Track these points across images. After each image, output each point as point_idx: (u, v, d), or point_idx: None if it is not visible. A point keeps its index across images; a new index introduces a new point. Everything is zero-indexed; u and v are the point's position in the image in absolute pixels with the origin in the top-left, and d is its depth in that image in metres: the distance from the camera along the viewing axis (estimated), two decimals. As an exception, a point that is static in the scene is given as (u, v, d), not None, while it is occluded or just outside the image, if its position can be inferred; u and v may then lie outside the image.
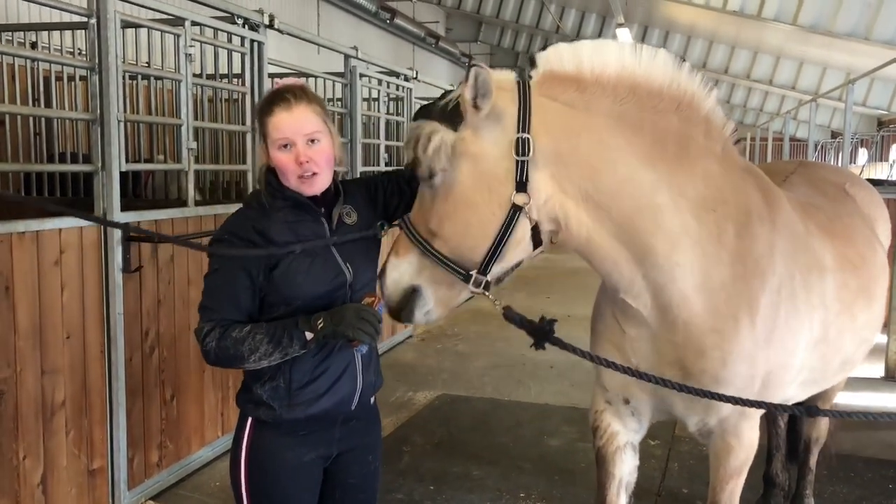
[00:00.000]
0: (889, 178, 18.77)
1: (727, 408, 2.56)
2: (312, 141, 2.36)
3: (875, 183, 12.69)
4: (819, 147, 23.97)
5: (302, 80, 2.61)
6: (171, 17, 4.67)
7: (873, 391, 6.68)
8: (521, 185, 2.25)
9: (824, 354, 2.82)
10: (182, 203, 4.91)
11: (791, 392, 2.91)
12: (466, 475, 4.82)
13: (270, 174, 2.43)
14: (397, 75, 8.38)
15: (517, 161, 2.24)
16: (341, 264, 2.43)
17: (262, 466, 2.43)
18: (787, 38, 15.81)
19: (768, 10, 11.49)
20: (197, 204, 4.88)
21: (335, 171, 2.51)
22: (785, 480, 4.18)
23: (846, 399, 5.96)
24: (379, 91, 8.00)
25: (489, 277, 2.31)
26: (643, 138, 2.32)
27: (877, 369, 7.18)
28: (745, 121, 28.95)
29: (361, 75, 7.24)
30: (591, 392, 2.99)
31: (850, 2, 11.30)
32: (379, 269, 2.46)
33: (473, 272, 2.30)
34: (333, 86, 7.72)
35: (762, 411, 2.72)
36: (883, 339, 7.45)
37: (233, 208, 5.10)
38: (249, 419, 2.46)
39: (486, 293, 2.33)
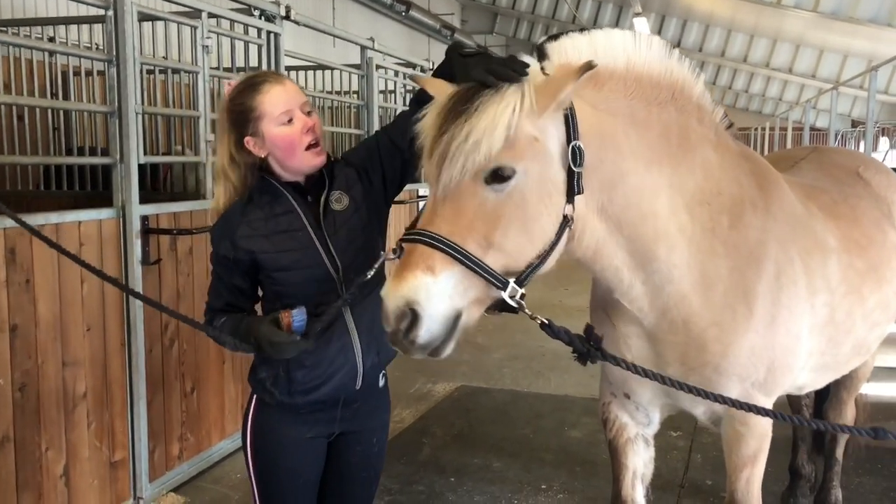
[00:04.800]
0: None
1: (732, 394, 2.49)
2: (309, 112, 2.35)
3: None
4: (839, 136, 23.66)
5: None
6: (188, 8, 4.65)
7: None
8: (572, 197, 2.05)
9: (832, 337, 2.77)
10: (200, 195, 4.90)
11: (803, 378, 2.87)
12: (487, 467, 4.79)
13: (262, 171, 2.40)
14: (414, 67, 8.33)
15: (574, 172, 2.03)
16: (322, 256, 2.36)
17: (265, 440, 2.49)
18: (807, 26, 15.60)
19: (789, -3, 11.39)
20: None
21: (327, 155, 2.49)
22: (811, 472, 4.13)
23: (874, 390, 5.87)
24: (395, 83, 7.96)
25: (523, 290, 2.03)
26: (650, 135, 2.25)
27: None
28: (763, 110, 28.64)
29: (378, 67, 7.20)
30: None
31: (872, -13, 11.16)
32: (404, 293, 1.92)
33: (511, 281, 1.99)
34: (349, 77, 7.69)
35: (772, 398, 2.65)
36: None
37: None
38: (255, 396, 2.51)
39: (523, 304, 2.02)
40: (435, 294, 1.90)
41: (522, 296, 2.03)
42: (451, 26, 20.83)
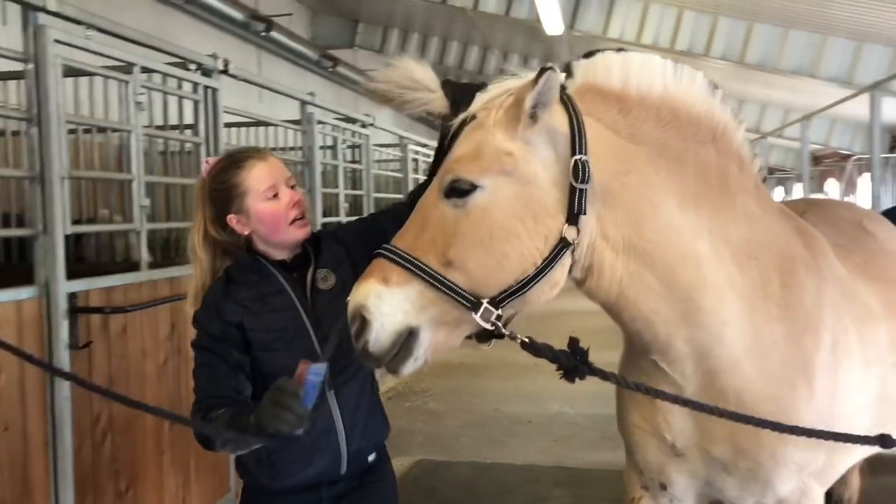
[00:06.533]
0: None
1: (787, 488, 2.24)
2: (293, 186, 2.33)
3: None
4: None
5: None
6: (119, 62, 4.23)
7: None
8: (574, 218, 1.89)
9: (880, 414, 2.49)
10: (133, 266, 4.42)
11: (851, 461, 2.61)
12: (461, 556, 4.37)
13: (239, 249, 2.34)
14: (354, 122, 8.03)
15: (576, 189, 1.88)
16: (312, 338, 2.26)
17: None
18: (727, 77, 16.02)
19: (716, 49, 11.64)
20: (150, 266, 4.38)
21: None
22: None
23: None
24: (335, 138, 7.63)
25: (500, 311, 1.87)
26: (685, 172, 2.03)
27: None
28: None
29: (319, 122, 6.86)
30: (623, 474, 2.61)
31: (794, 40, 11.51)
32: (356, 299, 1.90)
33: (485, 302, 1.86)
34: (286, 134, 7.33)
35: (826, 487, 2.39)
36: None
37: (188, 270, 4.65)
38: (243, 483, 2.42)
39: (499, 325, 1.87)
40: (386, 302, 1.85)
41: (499, 317, 1.87)
42: (378, 81, 20.74)
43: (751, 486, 2.24)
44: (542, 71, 1.82)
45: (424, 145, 11.73)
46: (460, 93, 2.03)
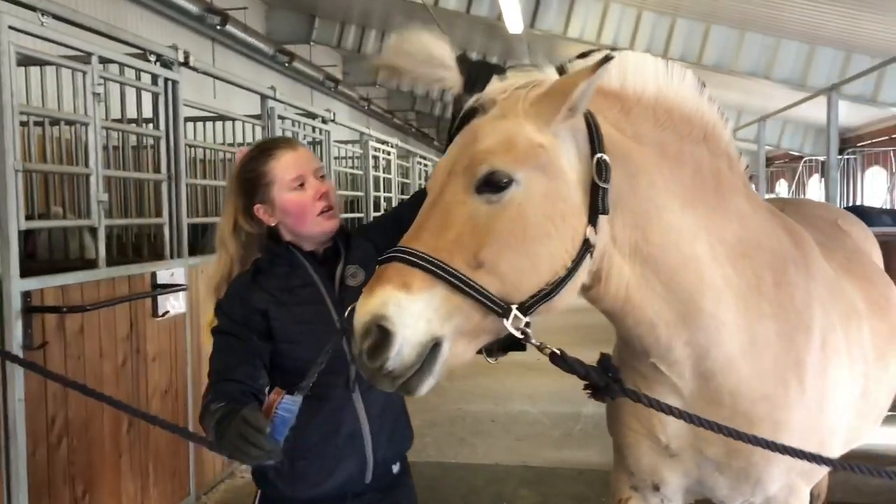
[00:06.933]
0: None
1: (776, 487, 2.25)
2: (322, 177, 2.27)
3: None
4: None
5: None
6: (77, 52, 4.08)
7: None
8: (595, 218, 1.80)
9: (862, 410, 2.55)
10: (90, 264, 4.26)
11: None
12: (429, 558, 4.31)
13: (267, 239, 2.31)
14: (314, 117, 7.91)
15: (599, 187, 1.79)
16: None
17: None
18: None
19: (674, 50, 11.76)
20: (108, 264, 4.23)
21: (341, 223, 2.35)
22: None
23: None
24: (295, 134, 7.50)
25: (528, 318, 1.73)
26: (683, 172, 2.01)
27: None
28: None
29: (280, 117, 6.73)
30: (612, 477, 2.58)
31: (749, 42, 11.72)
32: (371, 309, 1.65)
33: (514, 308, 1.71)
34: (243, 127, 7.18)
35: (812, 485, 2.40)
36: None
37: (147, 267, 4.53)
38: (259, 492, 2.33)
39: (529, 333, 1.74)
40: (407, 311, 1.63)
41: (528, 324, 1.74)
42: (334, 77, 20.58)
43: (742, 485, 2.24)
44: (606, 59, 1.73)
45: (385, 142, 11.64)
46: (476, 71, 1.91)
